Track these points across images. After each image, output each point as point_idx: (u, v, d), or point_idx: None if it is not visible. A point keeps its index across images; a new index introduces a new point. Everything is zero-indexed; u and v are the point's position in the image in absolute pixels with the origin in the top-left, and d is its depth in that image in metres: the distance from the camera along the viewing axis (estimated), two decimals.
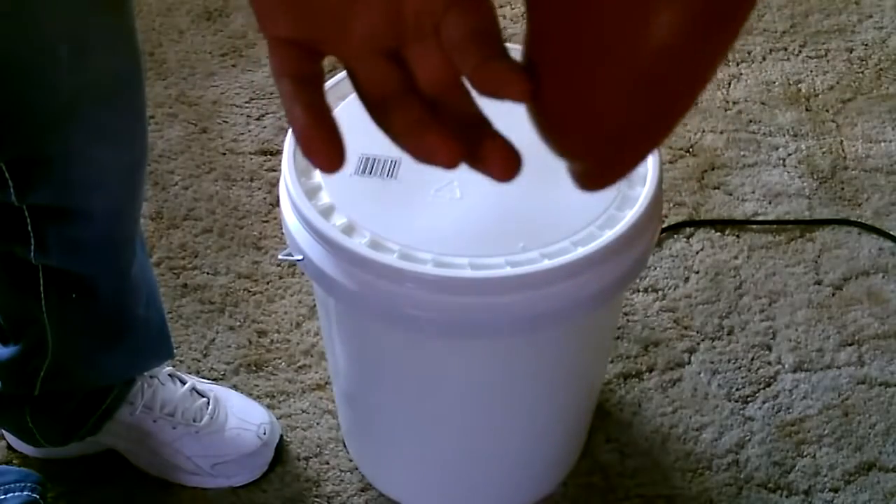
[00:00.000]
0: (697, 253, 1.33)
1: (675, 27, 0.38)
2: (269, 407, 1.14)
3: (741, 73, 1.58)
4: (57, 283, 0.90)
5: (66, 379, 0.98)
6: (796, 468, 1.12)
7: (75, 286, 0.90)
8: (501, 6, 1.68)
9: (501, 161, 0.40)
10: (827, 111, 1.53)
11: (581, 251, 0.78)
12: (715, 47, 0.40)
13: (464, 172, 0.41)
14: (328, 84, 0.90)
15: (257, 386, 1.17)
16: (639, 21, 0.38)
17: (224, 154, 1.44)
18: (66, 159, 0.81)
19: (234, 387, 1.16)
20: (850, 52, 1.63)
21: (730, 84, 1.57)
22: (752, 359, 1.21)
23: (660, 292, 1.28)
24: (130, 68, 0.82)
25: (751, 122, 1.51)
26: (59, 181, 0.82)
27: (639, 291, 1.27)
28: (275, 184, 1.39)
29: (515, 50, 0.41)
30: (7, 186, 0.81)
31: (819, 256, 1.32)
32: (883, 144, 1.48)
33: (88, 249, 0.89)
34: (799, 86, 1.57)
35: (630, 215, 0.81)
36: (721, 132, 1.49)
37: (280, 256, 0.87)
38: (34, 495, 0.97)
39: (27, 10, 0.72)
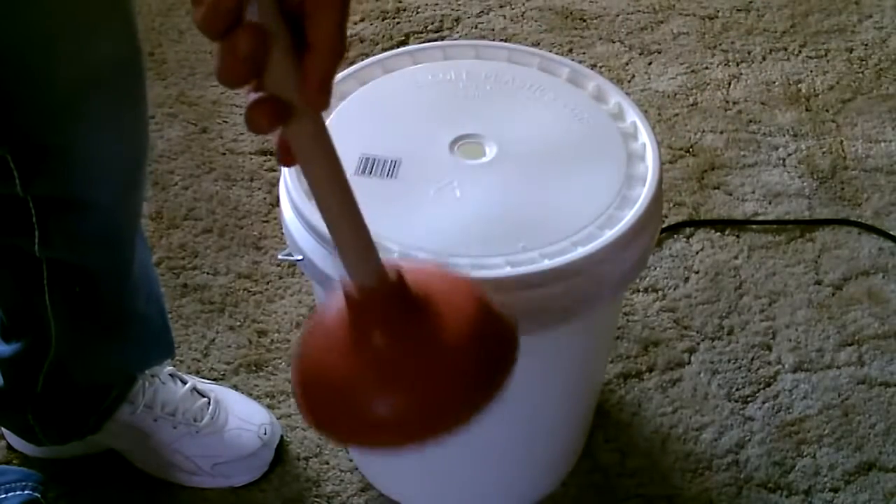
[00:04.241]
0: (697, 253, 1.33)
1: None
2: (268, 407, 1.14)
3: (741, 73, 1.58)
4: (61, 277, 0.90)
5: (68, 375, 0.98)
6: (796, 468, 1.12)
7: (79, 280, 0.91)
8: (502, 6, 1.68)
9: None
10: (827, 111, 1.53)
11: (581, 251, 0.78)
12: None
13: (464, 172, 0.41)
14: None
15: (257, 386, 1.17)
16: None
17: (224, 154, 1.44)
18: (69, 148, 0.81)
19: (235, 387, 1.16)
20: (850, 52, 1.63)
21: (730, 84, 1.57)
22: (752, 359, 1.21)
23: (660, 292, 1.28)
24: (130, 55, 0.82)
25: (751, 122, 1.51)
26: (64, 170, 0.82)
27: (639, 291, 1.27)
28: (275, 184, 1.39)
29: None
30: (12, 177, 0.81)
31: (819, 256, 1.32)
32: (883, 144, 1.48)
33: (92, 241, 0.89)
34: (799, 86, 1.57)
35: (630, 215, 0.81)
36: (721, 132, 1.49)
37: (280, 256, 0.87)
38: (35, 494, 0.97)
39: (25, 0, 0.72)
